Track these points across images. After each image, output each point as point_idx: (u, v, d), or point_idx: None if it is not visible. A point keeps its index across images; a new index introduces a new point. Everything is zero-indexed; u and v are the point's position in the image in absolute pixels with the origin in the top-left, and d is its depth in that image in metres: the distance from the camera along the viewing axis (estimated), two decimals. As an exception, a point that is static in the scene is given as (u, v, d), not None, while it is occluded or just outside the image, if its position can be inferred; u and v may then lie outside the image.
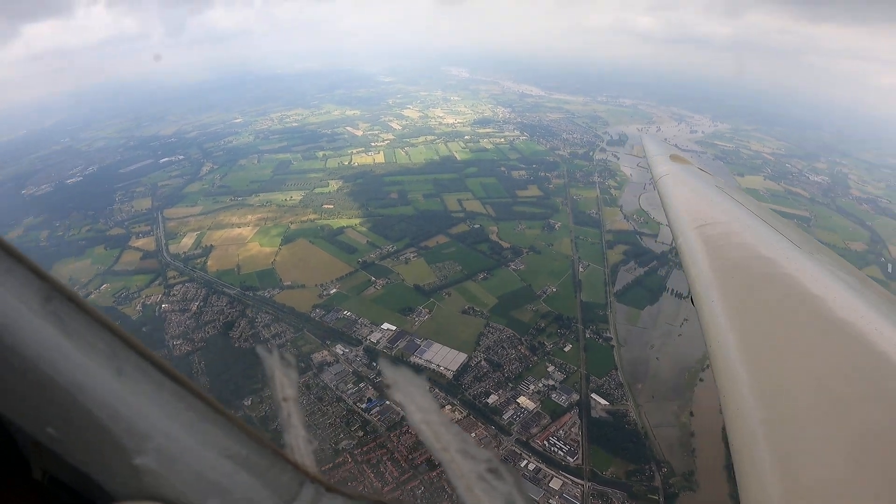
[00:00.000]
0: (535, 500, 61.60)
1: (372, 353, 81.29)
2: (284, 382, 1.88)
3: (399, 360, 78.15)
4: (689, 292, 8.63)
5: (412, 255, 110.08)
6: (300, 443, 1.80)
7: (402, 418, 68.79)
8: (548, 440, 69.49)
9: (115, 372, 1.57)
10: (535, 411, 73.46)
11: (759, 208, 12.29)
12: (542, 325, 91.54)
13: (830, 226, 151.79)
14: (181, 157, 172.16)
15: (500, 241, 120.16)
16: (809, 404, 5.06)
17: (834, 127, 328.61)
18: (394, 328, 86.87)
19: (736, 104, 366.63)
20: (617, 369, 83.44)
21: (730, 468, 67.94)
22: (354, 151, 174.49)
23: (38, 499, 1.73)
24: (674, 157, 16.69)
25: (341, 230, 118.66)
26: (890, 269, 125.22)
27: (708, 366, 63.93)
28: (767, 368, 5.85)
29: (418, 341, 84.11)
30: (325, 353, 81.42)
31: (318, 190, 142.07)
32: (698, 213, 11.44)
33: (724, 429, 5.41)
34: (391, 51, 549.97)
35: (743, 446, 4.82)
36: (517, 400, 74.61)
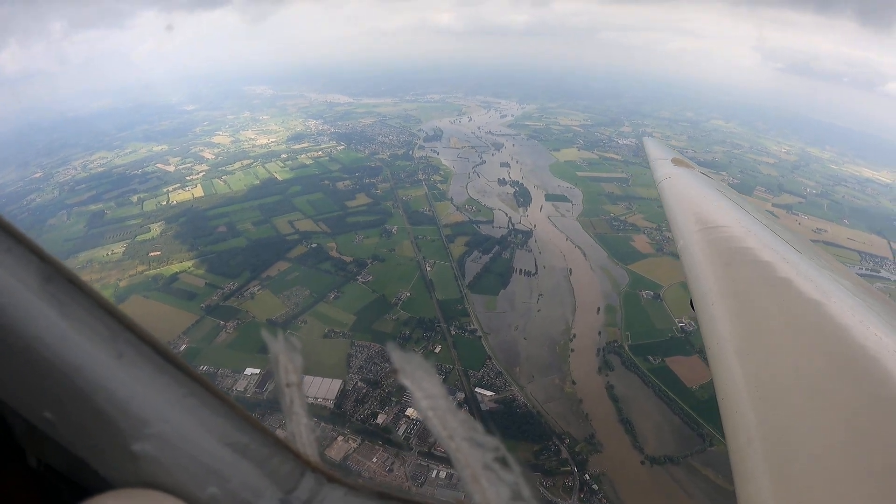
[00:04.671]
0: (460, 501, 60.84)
1: (243, 404, 75.04)
2: (289, 367, 1.85)
3: (273, 403, 74.13)
4: (690, 296, 8.55)
5: (256, 289, 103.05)
6: (302, 431, 1.79)
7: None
8: (449, 445, 68.06)
9: (114, 355, 1.57)
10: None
11: (759, 212, 12.53)
12: (407, 332, 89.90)
13: (647, 182, 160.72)
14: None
15: (341, 257, 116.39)
16: (809, 408, 5.01)
17: (632, 93, 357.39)
18: (258, 371, 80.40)
19: (539, 85, 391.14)
20: (491, 358, 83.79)
21: (624, 422, 71.85)
22: (170, 189, 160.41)
23: (33, 486, 1.71)
24: (675, 161, 16.50)
25: (175, 277, 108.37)
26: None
27: (575, 336, 66.43)
28: (767, 372, 5.78)
29: (287, 378, 78.33)
30: (193, 418, 73.85)
31: (140, 237, 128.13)
32: (700, 216, 11.34)
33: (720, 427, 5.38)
34: (190, 77, 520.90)
35: (741, 449, 4.74)
36: (406, 413, 72.67)
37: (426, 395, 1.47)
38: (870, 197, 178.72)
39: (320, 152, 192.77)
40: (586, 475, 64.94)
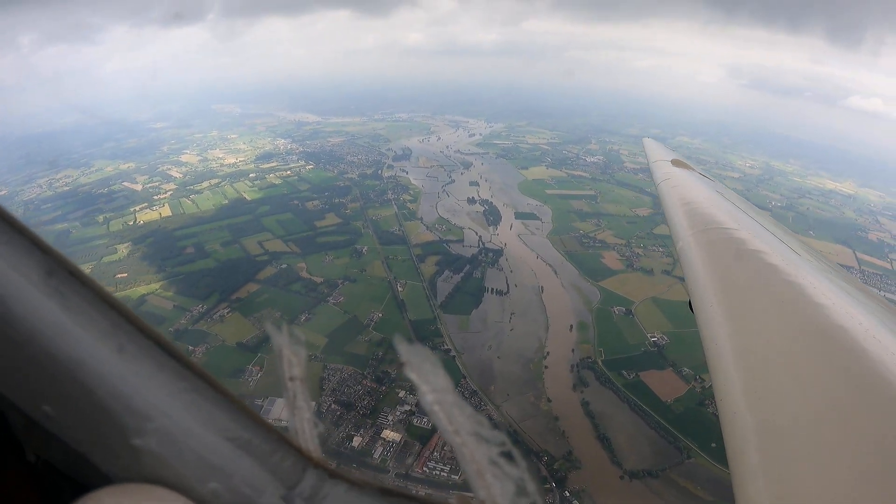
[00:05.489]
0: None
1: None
2: (292, 361, 1.78)
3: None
4: (689, 297, 8.55)
5: (226, 311, 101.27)
6: (305, 426, 1.76)
7: None
8: (426, 465, 68.14)
9: (116, 349, 1.55)
10: (402, 441, 71.42)
11: (758, 214, 12.86)
12: (380, 353, 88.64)
13: (616, 198, 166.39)
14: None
15: (311, 278, 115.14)
16: (807, 409, 5.07)
17: (599, 111, 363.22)
18: (229, 396, 78.52)
19: (507, 104, 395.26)
20: (465, 378, 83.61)
21: (601, 438, 71.84)
22: (137, 208, 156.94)
23: (32, 481, 1.69)
24: (675, 162, 16.66)
25: (143, 299, 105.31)
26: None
27: (548, 353, 66.13)
28: (765, 373, 5.79)
29: (259, 402, 76.53)
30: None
31: (106, 259, 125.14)
32: (698, 218, 11.45)
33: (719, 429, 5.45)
34: (159, 94, 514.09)
35: (740, 449, 4.77)
36: (381, 435, 72.12)
37: (432, 389, 1.47)
38: (834, 208, 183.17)
39: (289, 171, 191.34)
40: (566, 492, 64.78)
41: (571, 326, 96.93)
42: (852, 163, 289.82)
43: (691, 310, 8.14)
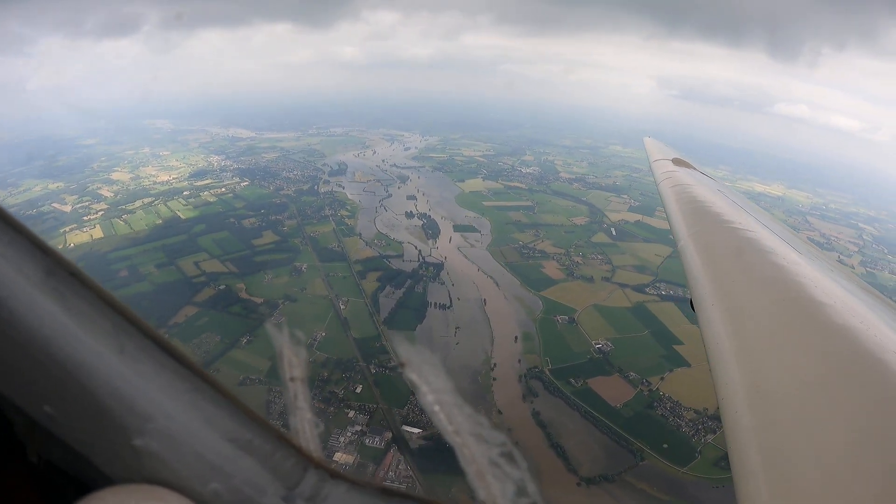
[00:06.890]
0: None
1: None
2: (293, 361, 1.87)
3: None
4: (690, 296, 8.47)
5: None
6: (306, 426, 1.79)
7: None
8: (382, 486, 66.73)
9: (116, 350, 1.56)
10: (356, 463, 69.96)
11: (759, 213, 13.05)
12: (325, 374, 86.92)
13: (552, 208, 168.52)
14: None
15: (251, 298, 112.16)
16: (809, 408, 5.02)
17: (533, 123, 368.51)
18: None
19: (441, 117, 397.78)
20: (414, 394, 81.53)
21: (555, 446, 72.36)
22: (67, 230, 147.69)
23: (34, 482, 1.68)
24: (676, 161, 16.57)
25: None
26: (614, 233, 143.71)
27: (496, 365, 66.11)
28: (767, 372, 5.74)
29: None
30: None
31: None
32: (700, 216, 11.42)
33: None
34: (88, 110, 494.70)
35: (741, 450, 4.74)
36: (334, 458, 70.07)
37: (432, 389, 1.51)
38: (764, 210, 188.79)
39: (224, 189, 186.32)
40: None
41: (516, 337, 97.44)
42: (780, 166, 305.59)
43: (692, 308, 8.14)
